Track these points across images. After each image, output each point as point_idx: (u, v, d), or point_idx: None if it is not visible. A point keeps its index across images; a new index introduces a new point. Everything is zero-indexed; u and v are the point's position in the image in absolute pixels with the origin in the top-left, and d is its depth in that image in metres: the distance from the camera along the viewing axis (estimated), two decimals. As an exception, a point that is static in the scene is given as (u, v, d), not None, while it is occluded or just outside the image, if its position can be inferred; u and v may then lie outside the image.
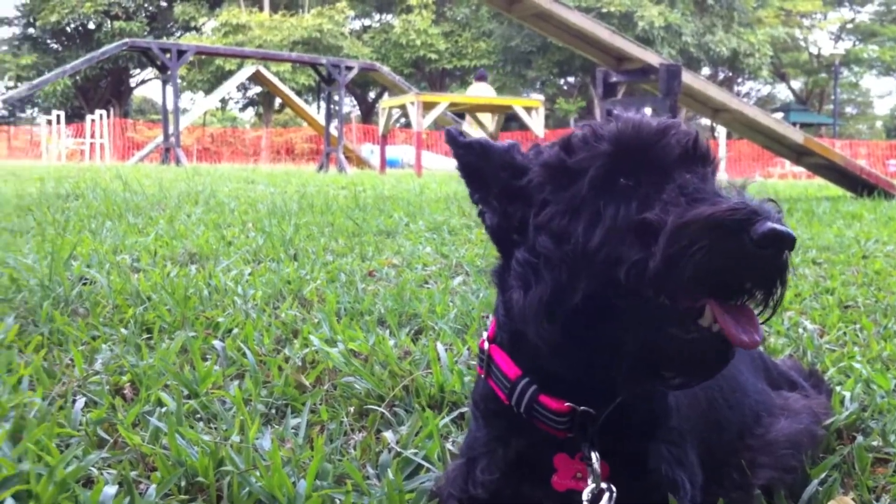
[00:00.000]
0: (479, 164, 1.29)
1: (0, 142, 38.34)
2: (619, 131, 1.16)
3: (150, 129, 38.98)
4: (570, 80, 50.93)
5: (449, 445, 1.76)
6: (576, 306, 1.10)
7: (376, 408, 1.97)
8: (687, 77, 9.04)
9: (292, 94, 25.70)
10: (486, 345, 1.31)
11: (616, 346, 1.11)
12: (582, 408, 1.20)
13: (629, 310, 1.08)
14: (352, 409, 2.01)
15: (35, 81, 22.24)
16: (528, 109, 17.03)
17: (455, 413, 1.93)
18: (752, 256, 1.00)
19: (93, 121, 27.43)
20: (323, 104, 23.24)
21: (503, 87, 45.30)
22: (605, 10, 39.23)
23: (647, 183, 1.12)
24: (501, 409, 1.28)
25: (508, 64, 47.26)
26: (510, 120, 18.40)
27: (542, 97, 19.48)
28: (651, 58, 9.20)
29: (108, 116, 28.64)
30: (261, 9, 49.20)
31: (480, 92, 18.40)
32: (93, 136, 27.08)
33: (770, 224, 0.99)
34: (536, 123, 16.92)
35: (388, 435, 1.80)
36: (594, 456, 1.19)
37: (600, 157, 1.14)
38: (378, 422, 1.91)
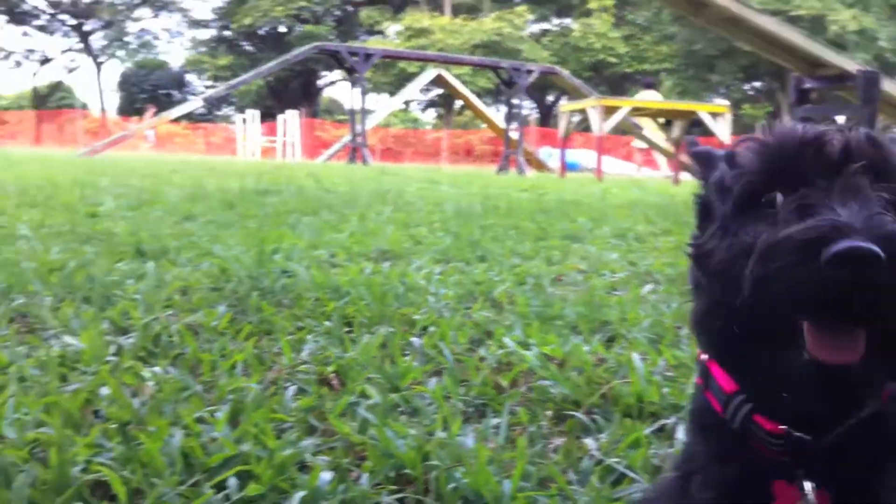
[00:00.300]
0: (703, 173, 1.28)
1: (198, 138, 40.80)
2: (765, 146, 1.11)
3: (336, 128, 40.45)
4: (756, 84, 49.22)
5: (648, 455, 1.74)
6: (719, 327, 1.08)
7: (575, 413, 1.97)
8: (888, 85, 8.57)
9: (473, 97, 26.00)
10: (705, 356, 1.29)
11: (747, 369, 1.08)
12: (797, 434, 1.15)
13: (749, 333, 1.04)
14: (549, 412, 2.02)
15: (233, 81, 23.41)
16: (714, 115, 16.59)
17: (656, 425, 1.91)
18: (830, 278, 0.92)
19: (284, 120, 28.70)
20: (502, 107, 23.40)
21: (685, 92, 44.31)
22: (793, 14, 37.65)
23: (784, 199, 1.06)
24: (718, 423, 1.23)
25: (691, 68, 46.17)
26: (695, 126, 17.95)
27: (726, 102, 18.93)
28: (848, 64, 8.79)
29: (299, 116, 29.88)
30: (442, 13, 50.11)
31: (650, 99, 18.07)
32: (284, 134, 28.36)
33: (845, 242, 0.91)
34: (722, 130, 16.46)
35: (588, 441, 1.80)
36: (808, 486, 1.14)
37: (745, 174, 1.10)
38: (576, 428, 1.91)
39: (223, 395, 2.01)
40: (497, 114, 30.03)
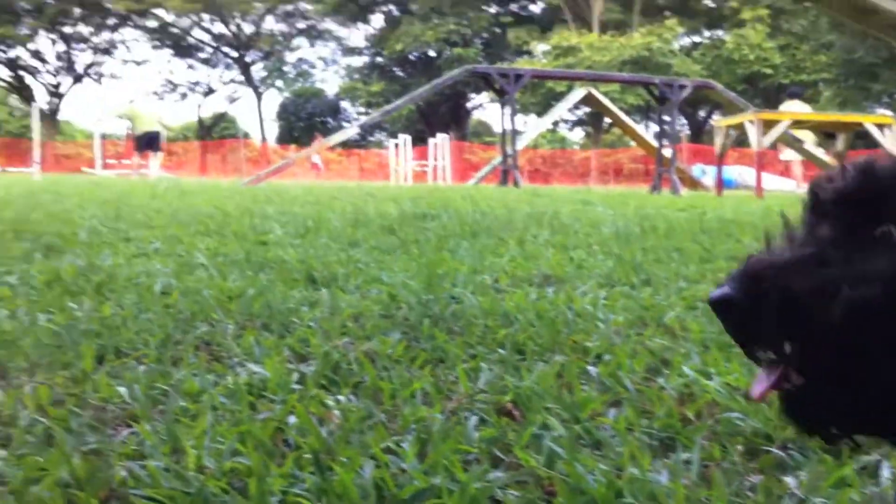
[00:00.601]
0: None
1: (352, 164, 41.97)
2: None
3: (483, 150, 40.80)
4: (924, 92, 46.63)
5: (853, 496, 1.64)
6: None
7: (770, 448, 1.89)
8: None
9: (622, 115, 25.67)
10: None
11: None
12: None
13: None
14: (739, 447, 1.94)
15: (387, 107, 23.89)
16: (880, 127, 15.82)
17: (863, 462, 1.80)
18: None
19: (435, 144, 29.13)
20: (651, 124, 23.05)
21: (845, 103, 42.47)
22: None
23: None
24: None
25: (851, 77, 44.24)
26: (859, 138, 17.16)
27: (890, 113, 18.04)
28: None
29: (449, 139, 30.28)
30: (590, 30, 49.81)
31: (795, 110, 17.37)
32: (435, 158, 28.78)
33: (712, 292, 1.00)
34: (889, 142, 15.66)
35: (788, 480, 1.72)
36: None
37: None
38: (771, 464, 1.83)
39: (406, 424, 2.02)
40: (646, 131, 29.58)
